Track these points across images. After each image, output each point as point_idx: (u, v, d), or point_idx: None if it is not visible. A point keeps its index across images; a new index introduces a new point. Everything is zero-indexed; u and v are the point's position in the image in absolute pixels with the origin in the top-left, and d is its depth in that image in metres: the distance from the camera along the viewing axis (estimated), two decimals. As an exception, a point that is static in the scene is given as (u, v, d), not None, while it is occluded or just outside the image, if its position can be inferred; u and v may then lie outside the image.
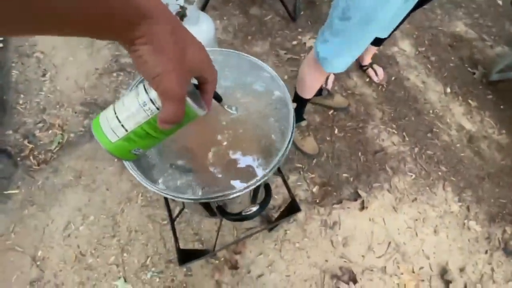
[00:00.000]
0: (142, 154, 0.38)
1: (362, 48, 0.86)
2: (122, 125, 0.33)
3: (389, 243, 1.21)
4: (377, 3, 0.73)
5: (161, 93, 0.29)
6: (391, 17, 0.76)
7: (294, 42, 1.75)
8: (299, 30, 1.81)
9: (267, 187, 0.51)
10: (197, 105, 0.34)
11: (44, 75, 1.56)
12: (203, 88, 0.36)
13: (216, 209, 0.50)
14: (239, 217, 0.48)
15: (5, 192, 1.23)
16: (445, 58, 1.77)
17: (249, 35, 1.78)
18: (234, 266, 1.12)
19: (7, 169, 1.28)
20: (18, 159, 1.31)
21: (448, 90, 1.65)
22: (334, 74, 1.57)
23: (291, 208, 0.71)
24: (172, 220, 0.76)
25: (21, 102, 1.47)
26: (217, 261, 1.13)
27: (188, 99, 0.32)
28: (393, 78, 1.65)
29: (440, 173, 1.38)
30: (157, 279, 1.11)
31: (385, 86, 1.62)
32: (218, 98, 0.42)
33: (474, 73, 1.72)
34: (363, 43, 0.84)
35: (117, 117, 0.34)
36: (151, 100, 0.32)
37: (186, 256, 0.72)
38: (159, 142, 0.38)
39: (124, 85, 1.53)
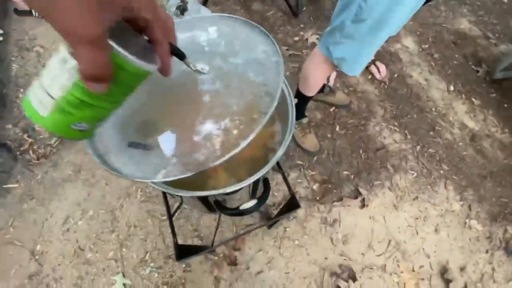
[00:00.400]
0: (91, 129, 0.31)
1: (377, 48, 0.85)
2: (48, 93, 0.27)
3: (389, 241, 1.20)
4: (391, 4, 0.71)
5: (64, 34, 0.21)
6: (406, 16, 0.75)
7: (296, 38, 1.74)
8: (301, 26, 1.79)
9: (265, 182, 0.50)
10: (143, 58, 0.26)
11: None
12: (150, 36, 0.28)
13: (213, 204, 0.49)
14: (237, 212, 0.47)
15: (5, 186, 1.23)
16: (448, 55, 1.75)
17: (251, 30, 1.76)
18: (233, 263, 1.12)
19: (7, 163, 1.28)
20: (18, 153, 1.31)
21: (451, 88, 1.63)
22: (335, 71, 1.55)
23: (291, 205, 0.70)
24: (170, 216, 0.76)
25: (21, 96, 1.46)
26: (216, 257, 1.12)
27: (115, 45, 0.24)
28: (395, 75, 1.64)
29: (441, 171, 1.37)
30: (156, 275, 1.10)
31: (387, 83, 1.60)
32: (179, 54, 0.33)
33: (477, 71, 1.70)
34: (378, 44, 0.82)
35: (42, 84, 0.27)
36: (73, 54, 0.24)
37: (184, 252, 0.71)
38: (107, 113, 0.30)
39: (124, 80, 1.52)
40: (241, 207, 0.46)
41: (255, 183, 0.52)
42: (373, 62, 1.60)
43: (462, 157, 1.42)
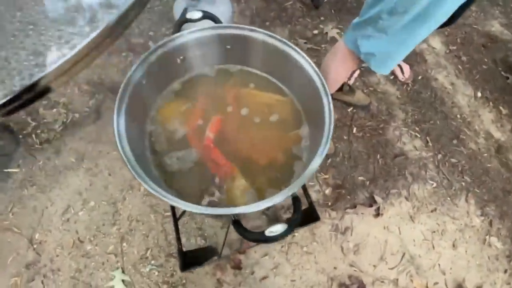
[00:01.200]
0: None
1: (413, 46, 0.76)
2: None
3: (403, 254, 1.13)
4: None
5: None
6: (453, 9, 0.66)
7: (315, 31, 1.64)
8: (321, 18, 1.69)
9: (296, 200, 0.42)
10: None
11: (51, 50, 1.49)
12: None
13: (232, 225, 0.42)
14: (262, 239, 0.39)
15: (5, 170, 1.19)
16: (477, 59, 1.64)
17: (267, 20, 1.67)
18: (238, 266, 1.07)
19: (9, 146, 1.23)
20: (20, 136, 1.26)
21: (479, 94, 1.52)
22: (359, 70, 1.46)
23: (309, 217, 0.63)
24: (175, 218, 0.70)
25: (26, 77, 1.41)
26: (219, 259, 1.07)
27: None
28: (419, 77, 1.54)
29: (463, 183, 1.28)
30: (156, 273, 1.06)
31: (410, 85, 1.50)
32: None
33: (507, 78, 1.59)
34: (416, 41, 0.73)
35: None
36: None
37: (189, 261, 0.65)
38: None
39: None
40: (268, 232, 0.39)
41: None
42: (396, 61, 1.51)
43: (486, 169, 1.33)
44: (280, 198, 0.39)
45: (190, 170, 0.49)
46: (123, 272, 1.05)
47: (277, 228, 0.38)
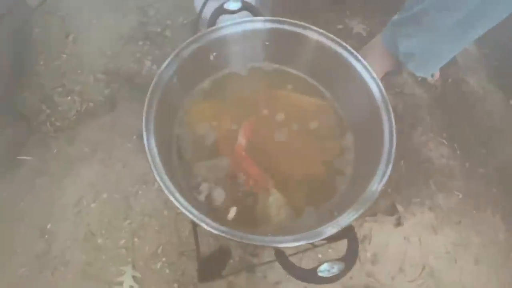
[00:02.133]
0: None
1: (462, 47, 0.69)
2: None
3: (424, 267, 1.08)
4: None
5: None
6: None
7: (340, 26, 1.56)
8: (347, 13, 1.60)
9: (350, 232, 0.37)
10: None
11: (67, 36, 1.45)
12: None
13: (276, 257, 0.37)
14: (314, 279, 0.35)
15: (18, 157, 1.17)
16: (511, 63, 1.54)
17: (289, 12, 1.59)
18: (250, 269, 1.03)
19: (22, 133, 1.21)
20: (34, 124, 1.23)
21: (511, 101, 1.44)
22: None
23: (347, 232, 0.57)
24: (194, 225, 0.66)
25: (41, 63, 1.37)
26: (231, 261, 1.04)
27: None
28: (449, 79, 1.45)
29: (491, 196, 1.22)
30: (167, 271, 1.03)
31: (439, 88, 1.42)
32: None
33: (543, 84, 1.49)
34: (466, 41, 0.67)
35: None
36: None
37: (206, 270, 0.62)
38: None
39: (149, 55, 1.40)
40: (321, 272, 0.34)
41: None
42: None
43: (516, 181, 1.26)
44: (334, 229, 0.34)
45: (221, 182, 0.45)
46: (133, 267, 1.03)
47: (330, 267, 0.33)
